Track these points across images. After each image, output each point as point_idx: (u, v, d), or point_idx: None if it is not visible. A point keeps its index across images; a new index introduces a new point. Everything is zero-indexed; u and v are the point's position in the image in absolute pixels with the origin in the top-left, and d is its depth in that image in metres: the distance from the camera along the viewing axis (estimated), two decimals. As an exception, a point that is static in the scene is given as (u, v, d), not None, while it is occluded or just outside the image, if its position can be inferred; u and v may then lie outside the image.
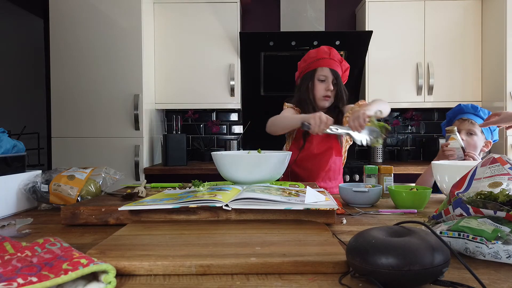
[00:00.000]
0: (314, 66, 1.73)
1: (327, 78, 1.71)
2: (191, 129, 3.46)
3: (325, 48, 1.74)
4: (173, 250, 0.68)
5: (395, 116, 3.46)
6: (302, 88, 1.76)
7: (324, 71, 1.71)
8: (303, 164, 1.74)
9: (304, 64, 1.78)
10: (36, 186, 1.16)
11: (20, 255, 0.58)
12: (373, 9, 3.05)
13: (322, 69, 1.71)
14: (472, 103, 1.89)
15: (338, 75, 1.73)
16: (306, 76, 1.76)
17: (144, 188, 1.19)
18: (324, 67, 1.71)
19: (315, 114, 1.44)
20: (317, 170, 1.75)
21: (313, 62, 1.74)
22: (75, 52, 2.78)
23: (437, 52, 3.05)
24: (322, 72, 1.71)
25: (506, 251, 0.64)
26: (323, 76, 1.71)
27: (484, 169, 0.82)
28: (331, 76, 1.71)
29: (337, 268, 0.62)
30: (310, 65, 1.75)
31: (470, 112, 1.85)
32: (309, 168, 1.75)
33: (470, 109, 1.85)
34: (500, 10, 2.80)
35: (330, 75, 1.71)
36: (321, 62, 1.72)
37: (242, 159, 1.19)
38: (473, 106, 1.86)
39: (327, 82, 1.71)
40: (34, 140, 3.90)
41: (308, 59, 1.77)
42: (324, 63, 1.71)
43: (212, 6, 3.03)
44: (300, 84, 1.79)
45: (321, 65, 1.72)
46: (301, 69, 1.80)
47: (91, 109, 2.78)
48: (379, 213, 1.10)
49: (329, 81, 1.71)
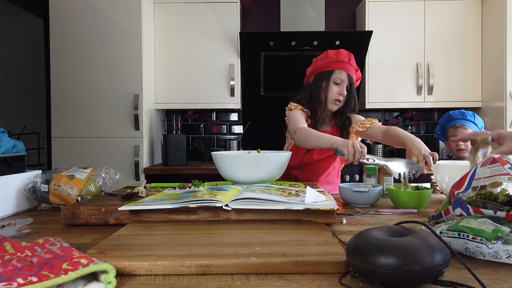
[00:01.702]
0: (332, 67, 1.69)
1: (343, 82, 1.67)
2: (191, 129, 3.46)
3: (345, 52, 1.71)
4: (173, 250, 0.68)
5: (395, 116, 3.46)
6: (316, 87, 1.71)
7: (341, 75, 1.67)
8: (304, 168, 1.74)
9: (322, 63, 1.72)
10: (36, 186, 1.16)
11: (20, 255, 0.58)
12: (373, 9, 3.05)
13: (340, 72, 1.67)
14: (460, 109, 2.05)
15: (353, 82, 1.70)
16: (322, 75, 1.71)
17: (144, 188, 1.19)
18: (342, 70, 1.67)
19: (348, 142, 1.31)
20: (317, 174, 1.74)
21: (331, 63, 1.69)
22: (75, 52, 2.78)
23: (437, 52, 3.05)
24: (339, 75, 1.67)
25: (506, 251, 0.64)
26: (339, 79, 1.67)
27: (484, 169, 0.82)
28: (347, 81, 1.68)
29: (337, 268, 0.62)
30: (328, 65, 1.70)
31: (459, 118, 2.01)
32: (309, 172, 1.74)
33: (458, 115, 2.01)
34: (500, 10, 2.80)
35: (346, 80, 1.67)
36: (340, 64, 1.68)
37: (242, 159, 1.19)
38: (460, 112, 2.02)
39: (341, 86, 1.68)
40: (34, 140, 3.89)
41: (326, 58, 1.72)
42: (343, 66, 1.67)
43: (212, 6, 3.03)
44: (313, 82, 1.74)
45: (339, 68, 1.67)
46: (317, 67, 1.74)
47: (91, 109, 2.78)
48: (379, 213, 1.10)
49: (344, 86, 1.68)
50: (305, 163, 1.73)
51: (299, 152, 1.72)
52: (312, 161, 1.72)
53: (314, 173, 1.74)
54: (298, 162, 1.72)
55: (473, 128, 1.98)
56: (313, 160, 1.72)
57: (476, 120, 2.01)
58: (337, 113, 1.76)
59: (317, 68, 1.74)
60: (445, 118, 2.07)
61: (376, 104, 3.09)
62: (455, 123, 2.00)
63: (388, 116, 3.49)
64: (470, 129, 1.97)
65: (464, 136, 1.32)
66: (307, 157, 1.71)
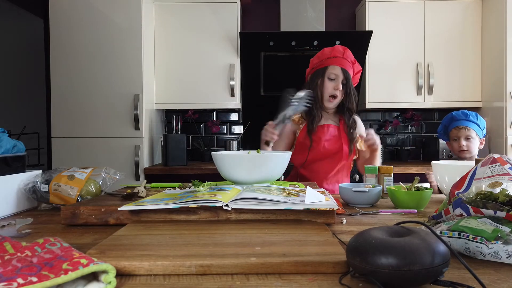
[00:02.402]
0: (326, 63, 1.70)
1: (337, 77, 1.68)
2: (191, 129, 3.46)
3: (339, 48, 1.71)
4: (173, 250, 0.68)
5: (395, 116, 3.46)
6: (312, 85, 1.73)
7: (335, 70, 1.68)
8: (311, 166, 1.72)
9: (317, 61, 1.74)
10: (36, 186, 1.16)
11: (20, 255, 0.58)
12: (373, 9, 3.05)
13: (334, 67, 1.68)
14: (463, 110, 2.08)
15: (349, 75, 1.69)
16: (317, 73, 1.72)
17: (144, 188, 1.18)
18: (336, 65, 1.68)
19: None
20: (325, 172, 1.73)
21: (325, 60, 1.71)
22: (75, 52, 2.78)
23: (437, 52, 3.05)
24: (333, 70, 1.68)
25: (506, 251, 0.64)
26: (333, 74, 1.68)
27: (484, 169, 0.82)
28: (342, 76, 1.68)
29: (337, 268, 0.62)
30: (323, 62, 1.71)
31: (462, 119, 2.03)
32: (316, 170, 1.73)
33: (461, 116, 2.04)
34: (500, 10, 2.80)
35: (341, 74, 1.68)
36: (333, 60, 1.69)
37: (242, 159, 1.19)
38: (463, 113, 2.04)
39: (336, 81, 1.68)
40: (34, 140, 3.89)
41: (321, 56, 1.73)
42: (336, 61, 1.68)
43: (212, 6, 3.03)
44: (309, 81, 1.76)
45: (333, 63, 1.68)
46: (313, 66, 1.76)
47: (91, 109, 2.78)
48: (379, 213, 1.10)
49: (339, 81, 1.68)
50: (311, 161, 1.72)
51: (303, 150, 1.71)
52: (317, 158, 1.71)
53: (322, 172, 1.73)
54: (303, 161, 1.71)
55: (476, 129, 1.99)
56: (319, 158, 1.71)
57: (479, 121, 2.01)
58: (343, 110, 1.76)
59: (313, 67, 1.76)
60: (448, 119, 2.07)
61: (376, 104, 3.09)
62: (458, 124, 2.01)
63: (388, 116, 3.49)
64: (473, 130, 1.98)
65: None
66: (311, 155, 1.70)
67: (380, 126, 3.48)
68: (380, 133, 3.46)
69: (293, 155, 1.73)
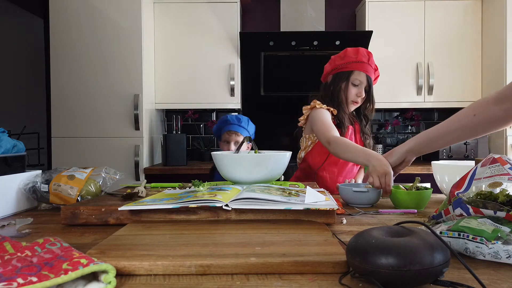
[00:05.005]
0: (351, 67, 1.66)
1: (361, 84, 1.66)
2: (191, 129, 3.46)
3: (364, 52, 1.67)
4: (173, 250, 0.68)
5: (395, 116, 3.46)
6: (335, 88, 1.69)
7: (360, 76, 1.65)
8: (329, 168, 1.70)
9: (341, 62, 1.69)
10: (36, 186, 1.16)
11: (20, 255, 0.58)
12: (373, 9, 3.05)
13: (359, 73, 1.65)
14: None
15: (372, 82, 1.68)
16: (341, 75, 1.68)
17: (144, 188, 1.18)
18: (361, 71, 1.65)
19: (383, 172, 1.20)
20: (345, 175, 1.71)
21: (351, 63, 1.66)
22: (75, 52, 2.78)
23: (437, 52, 3.05)
24: (358, 76, 1.65)
25: (506, 251, 0.64)
26: (358, 80, 1.65)
27: (484, 169, 0.82)
28: (365, 82, 1.66)
29: (337, 268, 0.62)
30: (348, 65, 1.66)
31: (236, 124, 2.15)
32: (335, 172, 1.70)
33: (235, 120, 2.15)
34: (500, 10, 2.80)
35: (365, 81, 1.66)
36: (359, 65, 1.65)
37: (242, 159, 1.19)
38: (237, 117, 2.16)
39: (360, 88, 1.66)
40: (34, 140, 3.90)
41: (346, 57, 1.68)
42: (362, 67, 1.65)
43: (212, 6, 3.03)
44: (332, 82, 1.71)
45: (358, 69, 1.65)
46: (336, 66, 1.71)
47: (91, 109, 2.78)
48: (379, 213, 1.10)
49: (362, 87, 1.66)
50: (330, 162, 1.68)
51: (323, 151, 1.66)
52: (338, 160, 1.66)
53: (342, 174, 1.71)
54: (322, 162, 1.68)
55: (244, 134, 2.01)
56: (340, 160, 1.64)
57: (249, 127, 2.05)
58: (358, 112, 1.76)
59: (336, 67, 1.71)
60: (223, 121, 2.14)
61: (376, 104, 3.02)
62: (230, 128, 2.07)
63: (388, 116, 3.49)
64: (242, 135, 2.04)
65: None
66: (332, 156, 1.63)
67: (380, 126, 3.48)
68: (380, 133, 3.46)
69: (311, 156, 1.71)
